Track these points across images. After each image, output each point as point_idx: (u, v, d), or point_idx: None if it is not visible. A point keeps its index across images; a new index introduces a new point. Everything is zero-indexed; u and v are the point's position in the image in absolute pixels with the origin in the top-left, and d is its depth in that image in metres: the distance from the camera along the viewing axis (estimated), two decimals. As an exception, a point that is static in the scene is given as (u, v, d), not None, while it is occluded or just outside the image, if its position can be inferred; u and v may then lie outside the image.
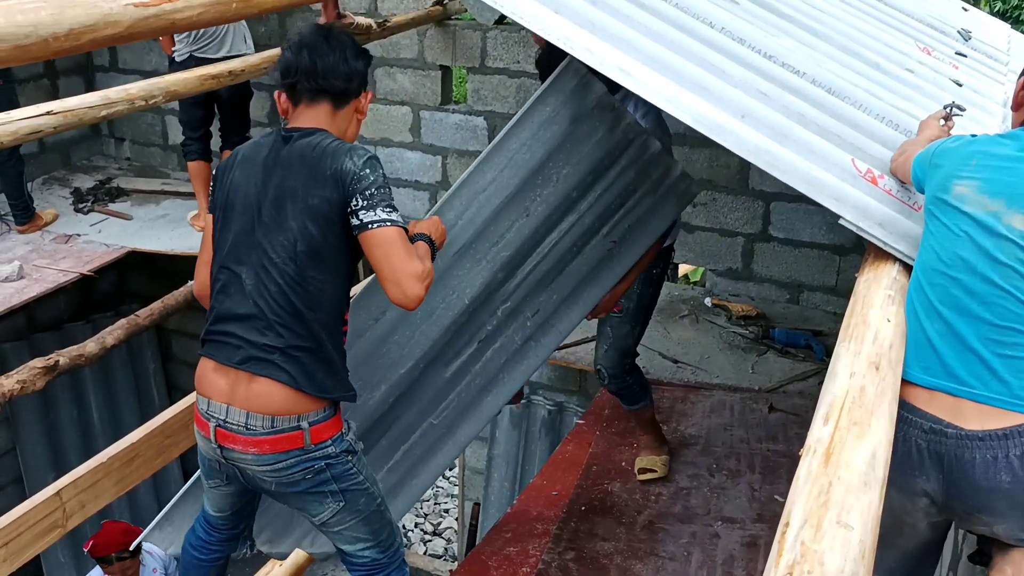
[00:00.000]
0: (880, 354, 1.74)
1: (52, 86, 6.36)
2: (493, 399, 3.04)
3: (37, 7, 1.44)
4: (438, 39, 5.57)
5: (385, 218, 2.09)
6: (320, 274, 2.15)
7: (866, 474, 1.39)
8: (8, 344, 6.14)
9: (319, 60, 2.17)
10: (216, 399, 2.19)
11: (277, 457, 2.17)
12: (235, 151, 2.33)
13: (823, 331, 4.80)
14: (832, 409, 1.55)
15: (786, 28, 3.08)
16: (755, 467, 3.74)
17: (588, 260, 3.04)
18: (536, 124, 2.72)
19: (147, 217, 5.98)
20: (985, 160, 1.90)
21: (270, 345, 2.14)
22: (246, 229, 2.19)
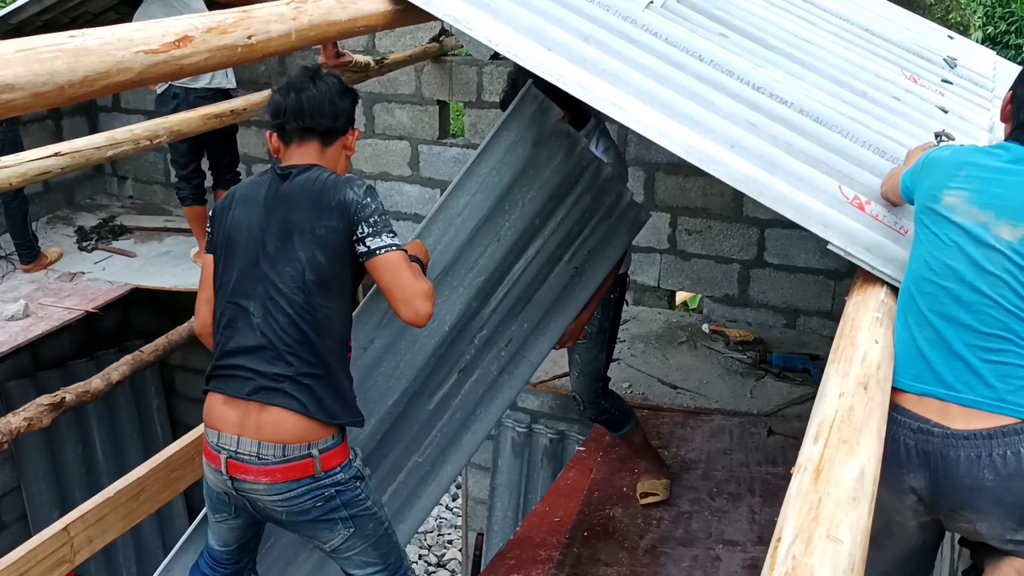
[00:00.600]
0: (868, 375, 1.79)
1: (56, 127, 6.46)
2: (472, 435, 3.09)
3: (53, 56, 1.50)
4: (435, 75, 5.67)
5: (390, 243, 2.20)
6: (327, 301, 2.23)
7: (855, 490, 1.44)
8: (13, 382, 6.17)
9: (306, 100, 2.28)
10: (226, 431, 2.23)
11: (288, 486, 2.21)
12: (231, 191, 2.41)
13: (820, 355, 4.84)
14: (822, 428, 1.61)
15: (774, 60, 3.15)
16: (755, 490, 3.78)
17: (553, 288, 3.12)
18: (503, 148, 2.81)
19: (150, 254, 6.05)
20: (974, 171, 1.96)
21: (280, 374, 2.20)
22: (251, 263, 2.26)
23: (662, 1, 3.18)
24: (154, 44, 1.70)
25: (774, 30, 3.51)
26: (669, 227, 5.32)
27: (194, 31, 1.79)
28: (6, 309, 5.14)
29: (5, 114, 1.46)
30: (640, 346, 5.03)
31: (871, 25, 4.34)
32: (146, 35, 1.70)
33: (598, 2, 2.83)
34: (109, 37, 1.63)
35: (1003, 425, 1.84)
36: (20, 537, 6.22)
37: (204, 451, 2.33)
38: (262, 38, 1.97)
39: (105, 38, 1.62)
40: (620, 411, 3.59)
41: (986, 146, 2.07)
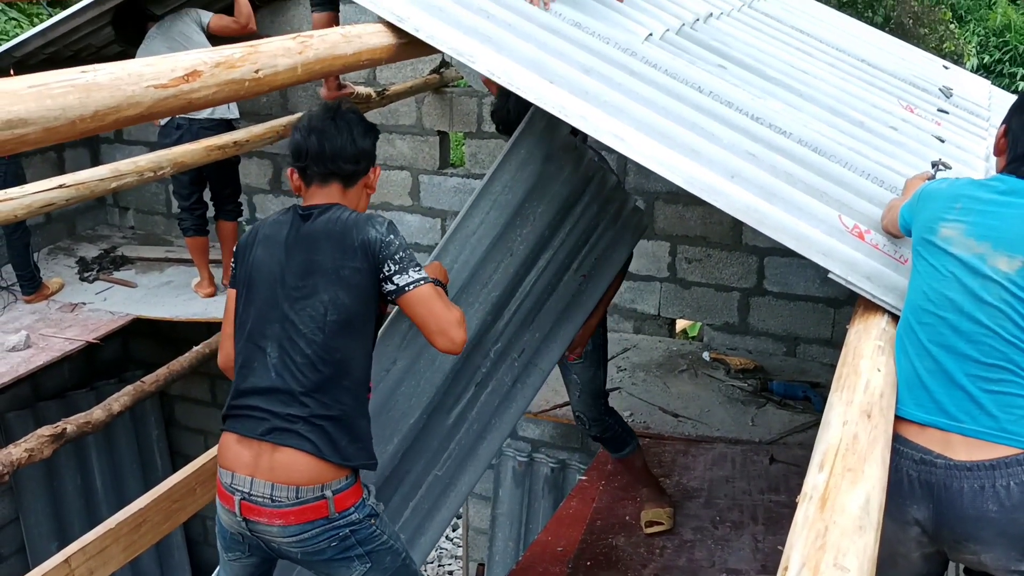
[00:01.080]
0: (872, 403, 1.80)
1: (58, 158, 6.49)
2: (488, 445, 3.10)
3: (65, 91, 1.52)
4: (435, 106, 5.72)
5: (418, 277, 2.21)
6: (348, 342, 2.22)
7: (861, 518, 1.45)
8: (13, 413, 6.16)
9: (327, 144, 2.27)
10: (240, 471, 2.21)
11: (303, 528, 2.19)
12: (254, 228, 2.41)
13: (820, 383, 4.85)
14: (827, 456, 1.62)
15: (772, 91, 3.19)
16: (758, 518, 3.77)
17: (562, 296, 3.15)
18: (514, 166, 2.83)
19: (151, 284, 6.06)
20: (970, 203, 1.99)
21: (294, 415, 2.19)
22: (269, 304, 2.26)
23: (661, 33, 3.22)
24: (164, 79, 1.73)
25: (772, 61, 3.56)
26: (669, 255, 5.35)
27: (203, 65, 1.82)
28: (7, 340, 5.14)
29: (18, 149, 1.48)
30: (641, 374, 5.04)
31: (867, 56, 4.40)
32: (156, 70, 1.72)
33: (598, 35, 2.87)
34: (119, 72, 1.65)
35: (1006, 456, 1.84)
36: (19, 569, 6.21)
37: (218, 492, 2.30)
38: (269, 72, 2.00)
39: (116, 73, 1.64)
40: (623, 429, 3.63)
41: (982, 179, 2.10)
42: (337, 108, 2.36)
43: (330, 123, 2.30)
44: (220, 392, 7.08)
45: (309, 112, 2.36)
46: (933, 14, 12.58)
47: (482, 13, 2.69)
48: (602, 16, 3.05)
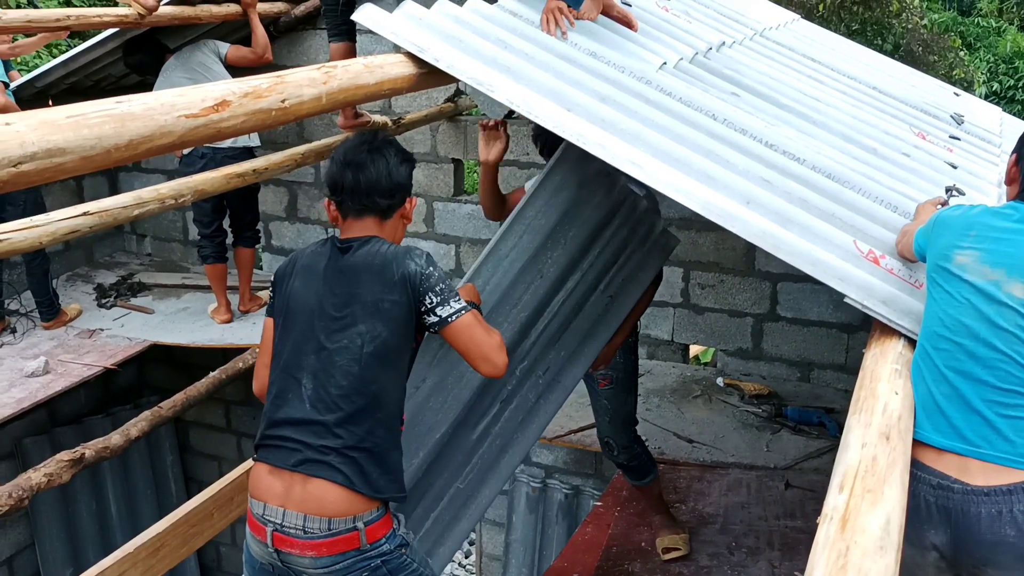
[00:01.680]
0: (890, 425, 1.82)
1: (78, 186, 6.57)
2: (509, 459, 3.12)
3: (101, 121, 1.57)
4: (450, 134, 5.78)
5: (460, 308, 2.25)
6: (383, 374, 2.24)
7: (881, 539, 1.47)
8: (30, 439, 6.20)
9: (363, 178, 2.28)
10: (272, 502, 2.22)
11: (334, 559, 2.20)
12: (292, 258, 2.41)
13: (835, 408, 4.85)
14: (846, 478, 1.64)
15: (785, 118, 3.23)
16: (774, 544, 3.77)
17: (589, 316, 3.17)
18: (549, 191, 2.87)
19: (168, 311, 6.11)
20: (985, 231, 2.02)
21: (326, 446, 2.19)
22: (306, 335, 2.27)
23: (675, 62, 3.27)
24: (194, 108, 1.77)
25: (784, 89, 3.60)
26: (682, 281, 5.38)
27: (232, 96, 1.87)
28: (27, 366, 5.19)
29: (56, 177, 1.52)
30: (655, 400, 5.05)
31: (878, 83, 4.44)
32: (187, 100, 1.77)
33: (614, 64, 2.92)
34: (152, 102, 1.70)
35: (1023, 481, 1.86)
36: (34, 595, 6.22)
37: (249, 522, 2.31)
38: (295, 102, 2.05)
39: (149, 103, 1.69)
40: (648, 457, 3.65)
41: (995, 207, 2.13)
42: (373, 139, 2.35)
43: (366, 156, 2.30)
44: (234, 418, 7.11)
45: (345, 143, 2.36)
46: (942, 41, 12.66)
47: (500, 43, 2.75)
48: (617, 45, 3.10)
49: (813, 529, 3.88)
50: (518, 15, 3.02)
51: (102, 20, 4.67)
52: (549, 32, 2.94)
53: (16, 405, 4.87)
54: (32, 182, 1.47)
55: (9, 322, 5.77)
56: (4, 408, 4.83)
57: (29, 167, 1.43)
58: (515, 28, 2.93)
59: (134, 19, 4.61)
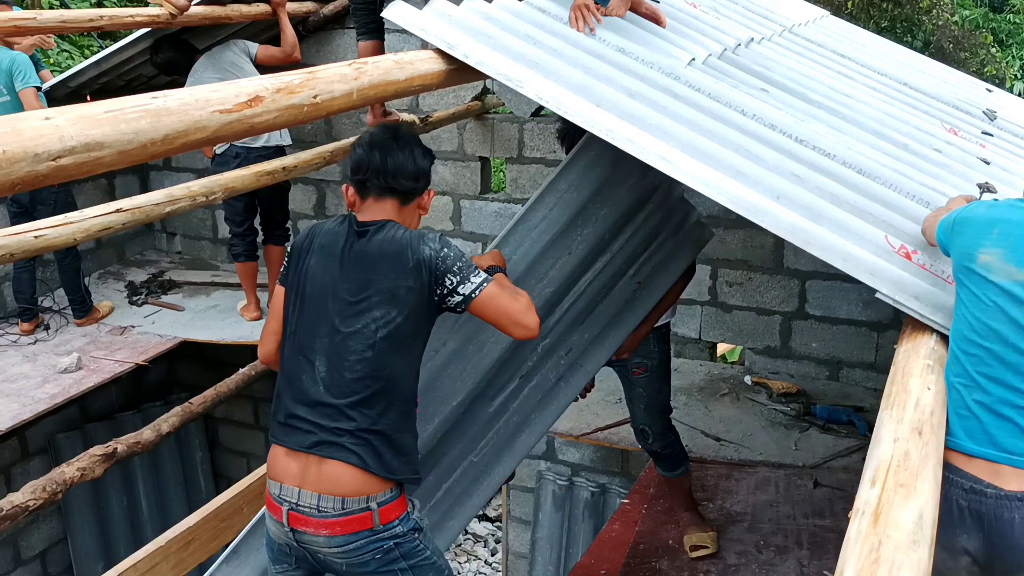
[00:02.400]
0: (922, 420, 1.81)
1: (109, 185, 6.65)
2: (525, 438, 3.12)
3: (138, 116, 1.59)
4: (477, 132, 5.80)
5: (480, 281, 2.28)
6: (397, 358, 2.27)
7: (914, 533, 1.46)
8: (62, 434, 6.29)
9: (389, 159, 2.33)
10: (288, 483, 2.26)
11: (347, 539, 2.23)
12: (310, 233, 2.43)
13: (864, 407, 4.82)
14: (878, 472, 1.63)
15: (815, 113, 3.21)
16: (803, 543, 3.75)
17: (615, 301, 3.16)
18: (583, 166, 2.86)
19: (198, 308, 6.17)
20: (1008, 228, 1.99)
21: (340, 428, 2.23)
22: (320, 316, 2.30)
23: (703, 58, 3.26)
24: (228, 104, 1.79)
25: (814, 85, 3.58)
26: (710, 279, 5.36)
27: (265, 91, 1.89)
28: (60, 362, 5.26)
29: (93, 171, 1.54)
30: (682, 398, 5.03)
31: (909, 79, 4.40)
32: (221, 95, 1.79)
33: (642, 60, 2.92)
34: (188, 98, 1.72)
35: None
36: (66, 589, 6.31)
37: (266, 502, 2.36)
38: (326, 97, 2.06)
39: (184, 99, 1.71)
40: (682, 448, 3.66)
41: (1017, 200, 2.09)
42: (398, 128, 2.42)
43: (392, 141, 2.36)
44: (263, 415, 7.17)
45: (370, 131, 2.42)
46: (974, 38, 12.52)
47: (529, 40, 2.76)
48: (645, 42, 3.09)
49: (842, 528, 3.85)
50: (546, 11, 3.03)
51: (134, 20, 4.73)
52: (577, 28, 2.94)
53: (49, 401, 4.95)
54: (71, 176, 1.49)
55: (43, 319, 5.85)
56: (38, 404, 4.91)
57: (68, 161, 1.45)
58: (543, 24, 2.93)
59: (165, 19, 4.66)
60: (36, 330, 5.76)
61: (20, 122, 1.41)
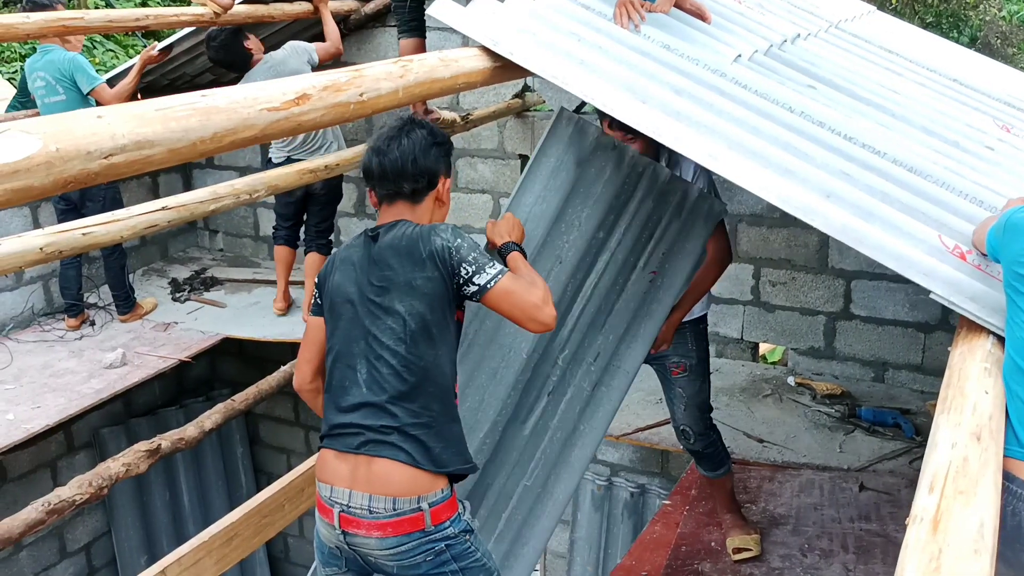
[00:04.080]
0: (981, 425, 1.76)
1: (153, 183, 6.73)
2: (580, 452, 3.07)
3: (188, 114, 1.59)
4: (517, 130, 5.78)
5: (495, 273, 2.24)
6: (430, 349, 2.26)
7: (976, 541, 1.42)
8: (106, 429, 6.38)
9: (388, 165, 2.33)
10: (338, 485, 2.26)
11: (399, 540, 2.22)
12: (332, 257, 2.47)
13: (911, 409, 4.73)
14: (936, 479, 1.58)
15: (864, 110, 3.16)
16: (848, 547, 3.69)
17: (633, 295, 3.08)
18: (544, 175, 2.80)
19: (239, 305, 6.22)
20: None
21: (386, 426, 2.23)
22: (352, 324, 2.32)
23: (749, 54, 3.22)
24: (276, 102, 1.79)
25: (862, 81, 3.52)
26: (752, 278, 5.30)
27: (312, 89, 1.88)
28: (105, 357, 5.33)
29: (143, 169, 1.55)
30: (724, 399, 4.98)
31: (959, 75, 4.32)
32: (269, 93, 1.79)
33: (688, 56, 2.88)
34: (236, 96, 1.72)
35: None
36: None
37: (317, 505, 2.35)
38: (372, 95, 2.06)
39: (233, 97, 1.71)
40: (723, 447, 3.63)
41: None
42: (403, 125, 2.39)
43: (393, 143, 2.34)
44: (303, 412, 7.21)
45: (382, 130, 2.40)
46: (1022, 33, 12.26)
47: (573, 36, 2.73)
48: (690, 38, 3.06)
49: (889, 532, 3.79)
50: (590, 8, 3.00)
51: (179, 19, 4.77)
52: (622, 25, 2.92)
53: (95, 395, 5.01)
54: (121, 174, 1.49)
55: (88, 315, 5.93)
56: (84, 398, 4.97)
57: (119, 159, 1.46)
58: (588, 21, 2.91)
59: (210, 18, 4.70)
60: (82, 326, 5.84)
61: (73, 120, 1.42)
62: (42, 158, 1.34)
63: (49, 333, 5.77)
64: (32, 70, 5.26)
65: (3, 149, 1.30)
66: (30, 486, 5.72)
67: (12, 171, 1.30)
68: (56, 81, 5.16)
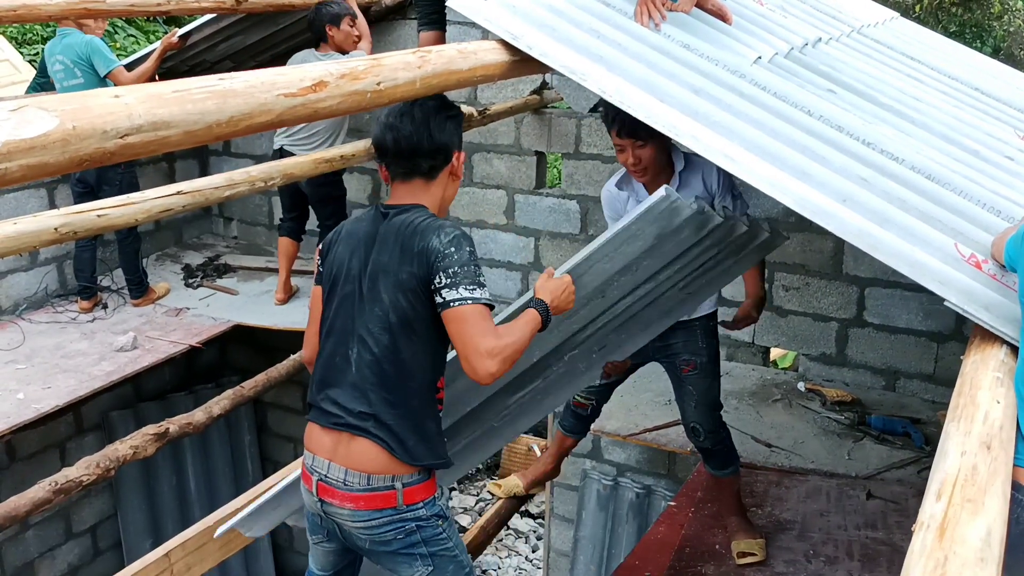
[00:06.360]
0: (991, 434, 1.75)
1: (169, 168, 6.75)
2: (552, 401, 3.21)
3: (205, 96, 1.59)
4: (534, 126, 5.77)
5: (467, 296, 2.16)
6: (412, 344, 2.26)
7: (982, 550, 1.40)
8: (116, 412, 6.41)
9: (403, 141, 2.30)
10: (320, 455, 2.32)
11: (371, 514, 2.27)
12: (339, 226, 2.47)
13: (921, 419, 4.70)
14: (944, 486, 1.57)
15: (883, 116, 3.14)
16: (853, 554, 3.67)
17: (660, 307, 3.13)
18: (620, 242, 2.67)
19: (252, 293, 6.24)
20: None
21: (364, 412, 2.26)
22: (348, 302, 2.33)
23: (770, 57, 3.20)
24: (293, 88, 1.79)
25: (882, 87, 3.49)
26: (766, 282, 5.26)
27: (329, 77, 1.88)
28: (116, 340, 5.36)
29: (159, 150, 1.55)
30: (733, 402, 4.96)
31: (981, 84, 4.28)
32: (287, 79, 1.79)
33: (707, 56, 2.86)
34: (253, 80, 1.72)
35: None
36: (115, 562, 6.44)
37: (301, 473, 2.42)
38: (389, 85, 2.05)
39: (250, 81, 1.71)
40: (732, 446, 3.61)
41: None
42: (413, 103, 2.32)
43: (407, 118, 2.31)
44: (311, 401, 7.22)
45: (390, 106, 2.29)
46: (1046, 45, 12.18)
47: (593, 33, 2.72)
48: (711, 38, 3.04)
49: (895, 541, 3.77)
50: (611, 5, 2.99)
51: (200, 6, 4.78)
52: (643, 23, 2.90)
53: (106, 378, 5.04)
54: (137, 154, 1.49)
55: (101, 298, 5.96)
56: (94, 380, 5.00)
57: (135, 139, 1.46)
58: (608, 18, 2.90)
59: (231, 5, 4.71)
60: (94, 308, 5.87)
61: (90, 99, 1.42)
62: (58, 135, 1.34)
63: (62, 314, 5.81)
64: (51, 54, 5.29)
65: (20, 125, 1.30)
66: (38, 466, 5.75)
67: (28, 147, 1.30)
68: (74, 64, 5.19)
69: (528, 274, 5.95)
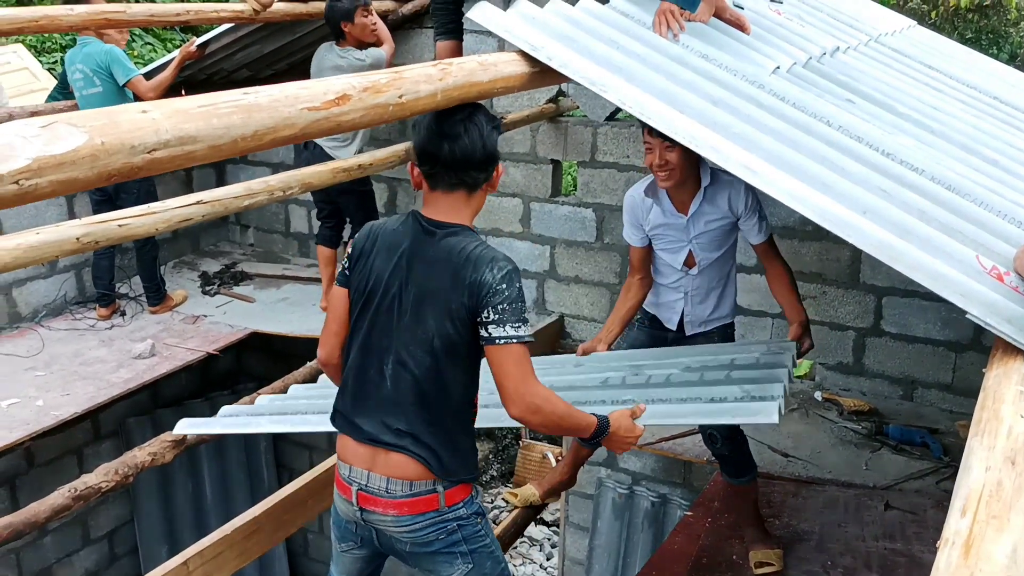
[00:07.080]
0: (1016, 449, 1.73)
1: (187, 177, 6.79)
2: None
3: (230, 111, 1.61)
4: (550, 135, 5.78)
5: (512, 335, 2.17)
6: (454, 367, 2.27)
7: (1008, 568, 1.40)
8: (133, 419, 6.44)
9: (459, 150, 2.23)
10: (358, 465, 2.34)
11: (414, 519, 2.30)
12: (373, 232, 2.38)
13: (939, 429, 4.67)
14: (969, 502, 1.56)
15: (903, 127, 3.13)
16: (872, 566, 3.65)
17: None
18: None
19: (268, 300, 6.26)
20: None
21: (401, 430, 2.29)
22: (387, 317, 2.31)
23: (788, 67, 3.20)
24: (317, 101, 1.80)
25: (901, 97, 3.49)
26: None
27: (352, 90, 1.89)
28: (134, 348, 5.39)
29: (185, 165, 1.56)
30: (749, 411, 4.93)
31: (1000, 93, 4.27)
32: (310, 92, 1.80)
33: (726, 67, 2.87)
34: (277, 94, 1.74)
35: None
36: (131, 568, 6.47)
37: (336, 483, 2.42)
38: (411, 97, 2.06)
39: (274, 95, 1.72)
40: (749, 454, 3.60)
41: None
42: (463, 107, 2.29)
43: (460, 125, 2.24)
44: (327, 408, 7.23)
45: (437, 112, 2.25)
46: (1064, 52, 12.11)
47: (612, 44, 2.73)
48: (729, 49, 3.04)
49: (913, 552, 3.75)
50: (630, 16, 3.00)
51: (218, 16, 4.82)
52: (661, 34, 2.91)
53: (124, 385, 5.06)
54: (164, 168, 1.51)
55: (119, 305, 6.00)
56: (113, 387, 5.02)
57: (162, 154, 1.47)
58: (627, 29, 2.91)
59: (249, 15, 4.74)
60: (112, 316, 5.91)
61: (118, 114, 1.44)
62: (87, 151, 1.35)
63: (80, 322, 5.84)
64: (71, 63, 5.34)
65: (51, 141, 1.31)
66: (56, 472, 5.79)
67: (58, 163, 1.31)
68: (93, 73, 5.23)
69: (544, 282, 5.95)
